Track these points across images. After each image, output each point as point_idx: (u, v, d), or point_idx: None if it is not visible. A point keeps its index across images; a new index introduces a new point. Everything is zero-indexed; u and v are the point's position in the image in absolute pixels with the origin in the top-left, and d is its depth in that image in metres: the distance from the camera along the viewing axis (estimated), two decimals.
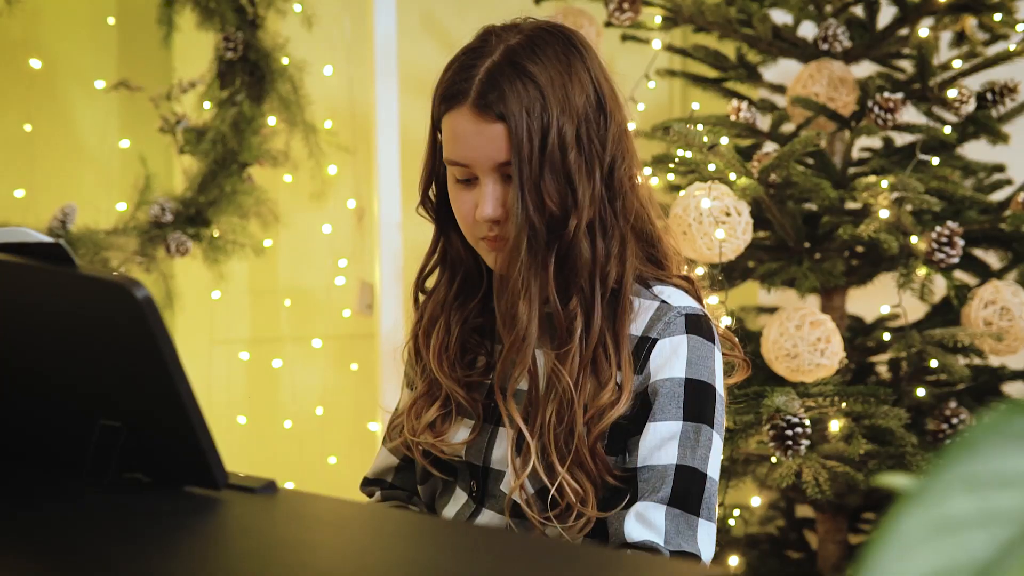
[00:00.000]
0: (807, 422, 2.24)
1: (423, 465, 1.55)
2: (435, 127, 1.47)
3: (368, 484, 1.68)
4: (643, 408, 1.43)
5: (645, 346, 1.44)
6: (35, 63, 3.10)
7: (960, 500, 0.52)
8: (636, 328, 1.46)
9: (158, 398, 1.00)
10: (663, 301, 1.46)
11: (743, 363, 1.60)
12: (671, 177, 2.78)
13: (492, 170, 1.41)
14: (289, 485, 3.29)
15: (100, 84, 3.13)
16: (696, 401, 1.43)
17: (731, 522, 2.63)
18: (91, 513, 0.99)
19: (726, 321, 2.61)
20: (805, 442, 2.22)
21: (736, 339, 1.59)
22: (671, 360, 1.43)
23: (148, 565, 0.85)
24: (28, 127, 3.14)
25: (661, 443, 1.42)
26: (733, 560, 2.53)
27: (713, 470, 1.44)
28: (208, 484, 1.02)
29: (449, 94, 1.42)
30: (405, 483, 1.65)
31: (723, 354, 1.50)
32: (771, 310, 2.99)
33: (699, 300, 1.50)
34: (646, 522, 1.40)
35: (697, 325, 1.45)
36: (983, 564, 0.50)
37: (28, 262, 1.01)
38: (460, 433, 1.52)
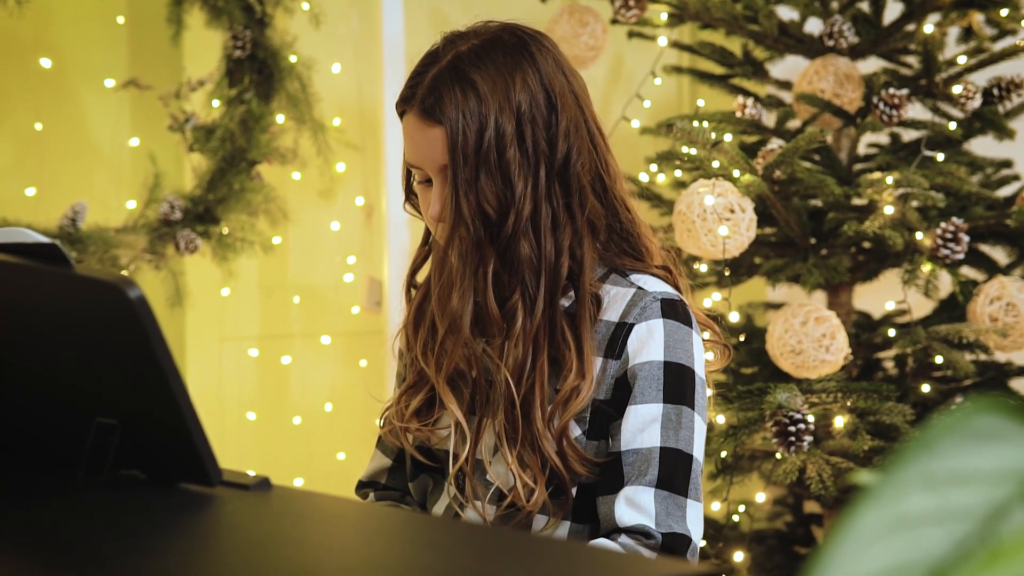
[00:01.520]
0: (810, 418, 2.24)
1: (411, 453, 1.58)
2: None
3: (362, 487, 1.72)
4: (623, 393, 1.47)
5: (622, 332, 1.48)
6: (45, 62, 3.12)
7: (917, 497, 0.53)
8: (613, 315, 1.50)
9: (152, 396, 1.02)
10: (639, 288, 1.50)
11: (723, 349, 1.63)
12: (678, 173, 2.79)
13: (438, 172, 1.48)
14: (298, 481, 3.31)
15: (110, 83, 3.14)
16: (676, 384, 1.46)
17: (735, 518, 2.63)
18: (86, 509, 1.00)
19: (734, 317, 2.62)
20: (808, 438, 2.23)
21: (715, 326, 1.61)
22: (648, 344, 1.47)
23: (141, 561, 0.87)
24: (39, 126, 3.16)
25: (644, 426, 1.45)
26: (738, 556, 2.54)
27: (698, 451, 1.47)
28: (202, 481, 1.04)
29: (401, 98, 1.51)
30: (398, 483, 1.69)
31: (703, 340, 1.53)
32: (779, 306, 2.99)
33: (677, 288, 1.53)
34: (636, 506, 1.44)
35: (673, 309, 1.49)
36: (938, 561, 0.51)
37: (25, 262, 1.03)
38: (445, 422, 1.55)
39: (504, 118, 1.44)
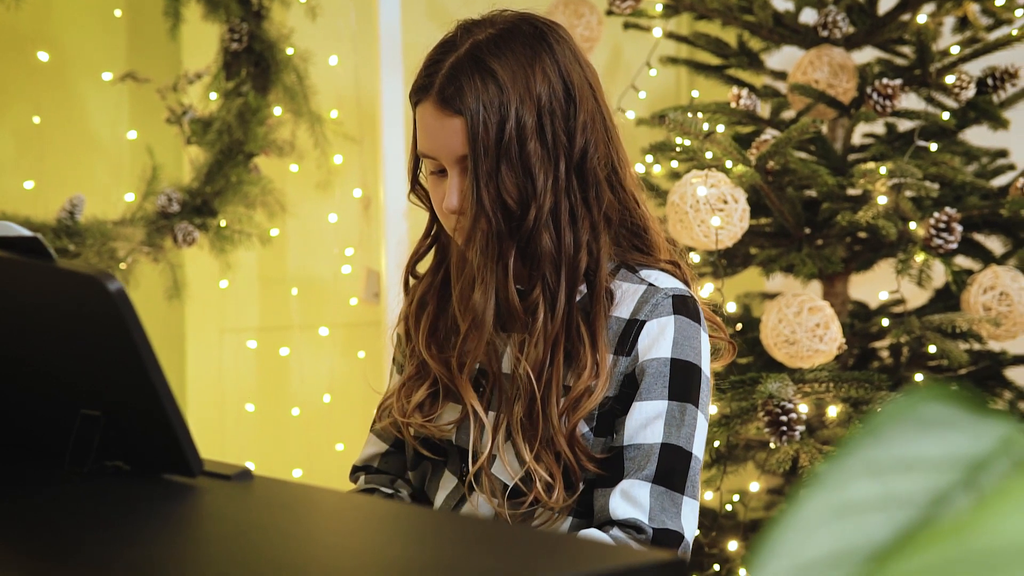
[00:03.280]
0: (802, 408, 2.25)
1: (414, 446, 1.58)
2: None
3: (355, 471, 1.71)
4: (630, 389, 1.47)
5: (633, 328, 1.48)
6: (43, 56, 3.13)
7: (861, 484, 0.53)
8: (624, 311, 1.49)
9: (134, 388, 1.03)
10: (650, 284, 1.50)
11: (728, 346, 1.63)
12: (674, 164, 2.79)
13: (455, 163, 1.46)
14: (297, 472, 3.32)
15: (108, 76, 3.15)
16: (682, 381, 1.46)
17: (729, 507, 2.64)
18: (68, 499, 1.02)
19: (731, 307, 2.63)
20: (800, 428, 2.23)
21: (721, 322, 1.61)
22: (658, 341, 1.46)
23: (118, 550, 0.88)
24: (37, 119, 3.17)
25: (647, 422, 1.45)
26: (732, 545, 2.55)
27: (698, 449, 1.47)
28: (184, 472, 1.05)
29: (417, 87, 1.48)
30: (391, 468, 1.68)
31: (709, 336, 1.53)
32: (776, 296, 3.00)
33: (687, 283, 1.53)
34: (631, 499, 1.44)
35: (684, 306, 1.48)
36: (879, 546, 0.52)
37: (6, 255, 1.04)
38: (448, 415, 1.55)
39: (525, 110, 1.43)
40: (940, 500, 0.53)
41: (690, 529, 1.46)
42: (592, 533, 1.44)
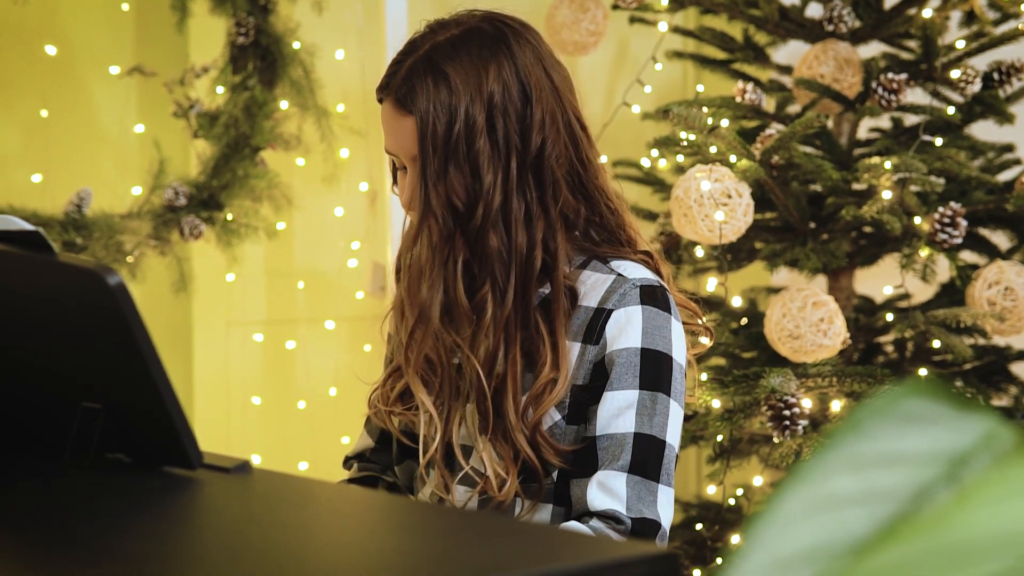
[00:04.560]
0: (805, 403, 2.25)
1: (397, 437, 1.60)
2: None
3: (348, 460, 1.75)
4: (601, 379, 1.48)
5: (600, 317, 1.49)
6: (51, 49, 3.14)
7: (843, 479, 0.54)
8: (592, 300, 1.51)
9: (134, 381, 1.03)
10: (619, 274, 1.51)
11: (705, 331, 1.64)
12: (679, 159, 2.80)
13: (410, 161, 1.50)
14: (303, 465, 3.33)
15: (115, 70, 3.16)
16: (652, 370, 1.48)
17: (732, 501, 2.65)
18: (67, 491, 1.02)
19: (736, 302, 2.63)
20: (803, 422, 2.24)
21: (697, 308, 1.62)
22: (626, 330, 1.48)
23: (115, 541, 0.88)
24: (44, 113, 3.18)
25: (619, 412, 1.47)
26: (736, 539, 2.55)
27: (672, 437, 1.49)
28: (183, 464, 1.05)
29: (379, 87, 1.53)
30: (380, 461, 1.72)
31: (684, 323, 1.54)
32: (780, 291, 2.99)
33: (659, 274, 1.54)
34: (607, 490, 1.46)
35: (652, 295, 1.50)
36: (860, 540, 0.52)
37: (7, 249, 1.05)
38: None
39: (475, 108, 1.45)
40: (921, 495, 0.53)
41: (667, 517, 1.48)
42: (572, 525, 1.46)
